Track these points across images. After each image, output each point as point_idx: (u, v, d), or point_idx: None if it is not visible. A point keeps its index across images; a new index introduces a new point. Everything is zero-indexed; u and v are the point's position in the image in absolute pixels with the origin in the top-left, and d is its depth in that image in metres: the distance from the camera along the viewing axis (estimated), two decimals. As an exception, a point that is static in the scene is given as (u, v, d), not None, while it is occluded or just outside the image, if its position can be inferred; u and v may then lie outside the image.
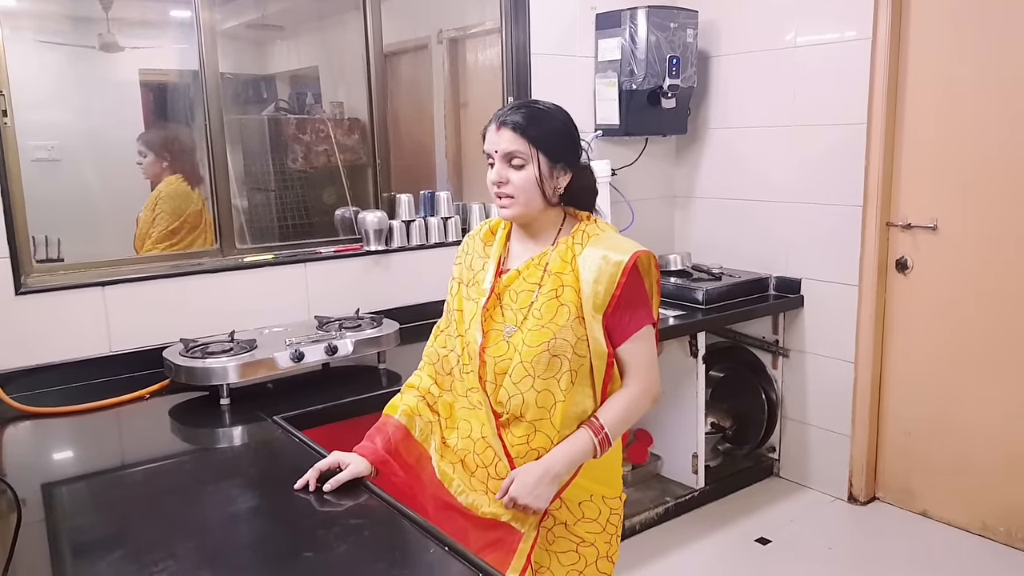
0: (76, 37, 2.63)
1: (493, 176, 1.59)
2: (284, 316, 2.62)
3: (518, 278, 1.63)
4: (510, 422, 1.60)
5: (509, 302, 1.62)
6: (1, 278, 2.20)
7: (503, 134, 1.57)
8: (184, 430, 2.08)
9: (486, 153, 1.60)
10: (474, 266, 1.71)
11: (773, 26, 3.40)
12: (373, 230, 2.86)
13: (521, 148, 1.55)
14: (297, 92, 3.26)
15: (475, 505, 1.62)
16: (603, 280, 1.55)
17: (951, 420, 3.15)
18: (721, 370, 3.72)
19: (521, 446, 1.59)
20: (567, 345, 1.56)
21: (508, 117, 1.57)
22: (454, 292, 1.73)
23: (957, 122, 3.00)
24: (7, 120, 2.23)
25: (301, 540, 1.36)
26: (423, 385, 1.73)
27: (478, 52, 3.46)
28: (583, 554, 1.67)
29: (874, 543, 3.14)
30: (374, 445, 1.63)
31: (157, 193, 2.72)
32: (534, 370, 1.56)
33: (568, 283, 1.58)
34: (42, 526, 1.50)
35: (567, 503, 1.64)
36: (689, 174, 3.85)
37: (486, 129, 1.61)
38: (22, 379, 2.22)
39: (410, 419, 1.67)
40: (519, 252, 1.67)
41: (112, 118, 2.74)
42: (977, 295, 3.02)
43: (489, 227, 1.75)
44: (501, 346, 1.60)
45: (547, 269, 1.60)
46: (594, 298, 1.56)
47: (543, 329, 1.56)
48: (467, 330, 1.64)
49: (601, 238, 1.61)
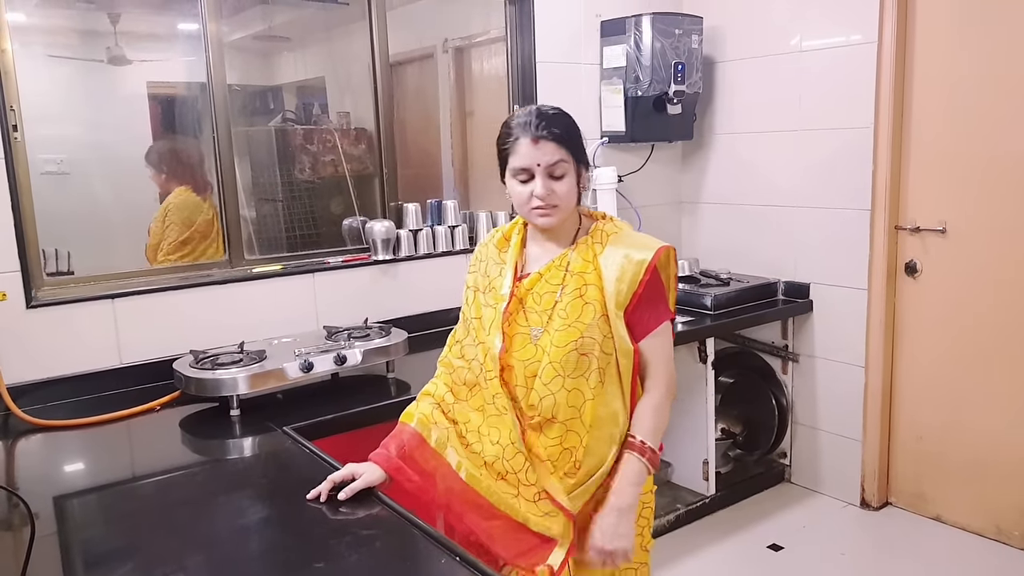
0: (85, 51, 2.65)
1: (539, 191, 1.55)
2: (293, 326, 2.63)
3: (540, 280, 1.63)
4: (542, 425, 1.60)
5: (533, 305, 1.63)
6: (12, 292, 2.22)
7: (544, 147, 1.55)
8: (194, 441, 2.08)
9: (520, 169, 1.57)
10: (490, 272, 1.71)
11: (778, 31, 3.40)
12: (381, 239, 2.87)
13: (563, 157, 1.56)
14: (304, 103, 3.27)
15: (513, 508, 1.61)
16: (626, 278, 1.57)
17: (963, 424, 3.13)
18: (731, 376, 3.70)
19: (555, 447, 1.60)
20: (594, 343, 1.57)
21: (545, 129, 1.55)
22: (470, 300, 1.73)
23: (964, 124, 2.99)
24: (17, 135, 2.25)
25: (312, 550, 1.36)
26: (438, 393, 1.72)
27: (483, 61, 3.47)
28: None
29: (887, 548, 3.12)
30: (388, 452, 1.62)
31: (167, 204, 2.75)
32: (563, 370, 1.57)
33: (591, 282, 1.59)
34: (55, 539, 1.50)
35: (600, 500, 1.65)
36: (696, 179, 3.85)
37: (511, 143, 1.57)
38: (34, 392, 2.23)
39: (425, 427, 1.67)
40: (537, 255, 1.68)
41: (121, 131, 2.76)
42: (987, 297, 3.01)
43: (503, 233, 1.74)
44: (529, 349, 1.60)
45: (568, 269, 1.61)
46: (616, 296, 1.57)
47: (570, 328, 1.57)
48: (487, 336, 1.64)
49: (620, 236, 1.63)
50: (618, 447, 1.62)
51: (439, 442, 1.65)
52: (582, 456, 1.60)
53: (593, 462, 1.61)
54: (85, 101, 2.68)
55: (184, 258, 2.70)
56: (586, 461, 1.60)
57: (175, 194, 2.75)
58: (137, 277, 2.53)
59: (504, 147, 1.60)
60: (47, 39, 2.54)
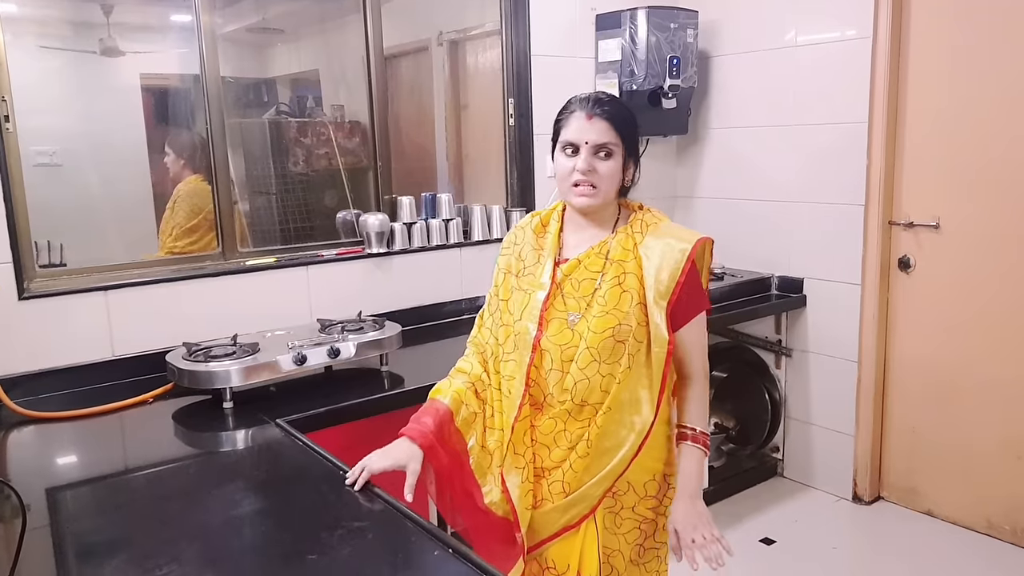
0: (77, 42, 2.63)
1: (581, 164, 1.58)
2: (286, 319, 2.62)
3: (579, 267, 1.64)
4: (571, 411, 1.61)
5: (571, 291, 1.63)
6: (4, 283, 2.21)
7: (596, 124, 1.58)
8: (187, 433, 2.08)
9: (568, 143, 1.60)
10: (525, 257, 1.71)
11: (773, 26, 3.40)
12: (375, 233, 2.87)
13: (612, 140, 1.59)
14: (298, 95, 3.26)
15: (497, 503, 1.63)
16: (667, 268, 1.59)
17: (955, 418, 3.15)
18: (724, 370, 3.70)
19: (582, 431, 1.61)
20: (629, 331, 1.58)
21: (601, 108, 1.59)
22: (499, 282, 1.73)
23: (959, 120, 3.00)
24: (9, 126, 2.23)
25: (305, 543, 1.36)
26: (474, 372, 1.71)
27: (478, 54, 3.46)
28: (644, 530, 1.72)
29: (879, 543, 3.14)
30: (423, 427, 1.60)
31: (177, 191, 2.77)
32: (600, 355, 1.58)
33: (630, 270, 1.60)
34: (47, 530, 1.50)
35: (634, 486, 1.67)
36: (690, 174, 3.85)
37: (565, 116, 1.62)
38: (26, 384, 2.22)
39: (456, 404, 1.66)
40: (575, 242, 1.68)
41: (113, 123, 2.75)
42: (980, 293, 3.02)
43: (540, 219, 1.75)
44: (566, 334, 1.61)
45: (608, 257, 1.62)
46: (657, 286, 1.59)
47: (608, 315, 1.58)
48: (517, 321, 1.65)
49: (660, 227, 1.65)
50: (639, 436, 1.61)
51: (464, 423, 1.66)
52: (595, 436, 1.60)
53: (609, 444, 1.61)
54: (78, 92, 2.67)
55: (192, 245, 2.72)
56: (599, 442, 1.61)
57: (185, 182, 2.77)
58: (130, 269, 2.52)
59: (559, 120, 1.63)
60: (39, 30, 2.52)
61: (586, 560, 1.64)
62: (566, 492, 1.63)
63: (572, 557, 1.64)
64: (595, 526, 1.65)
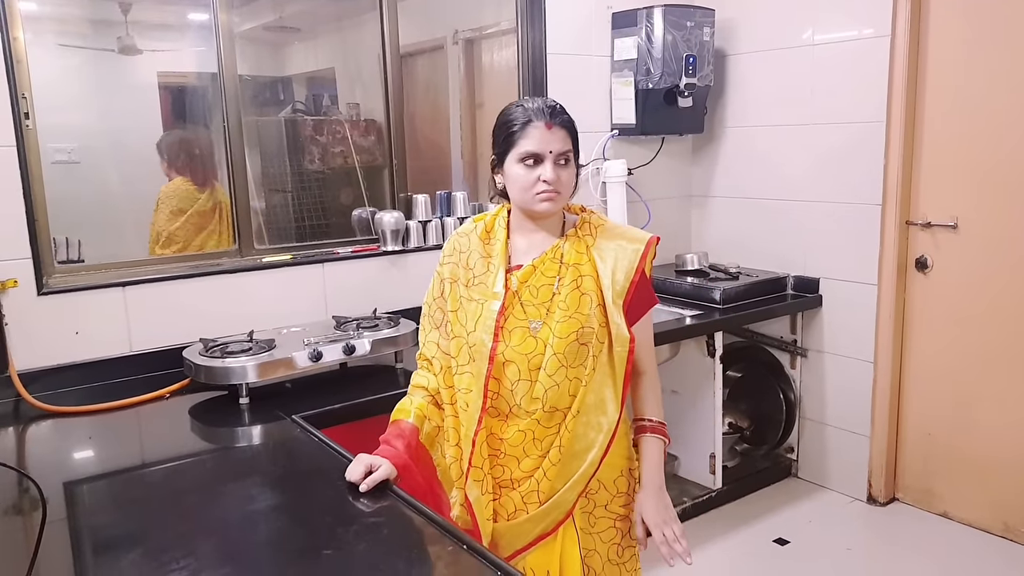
0: (96, 40, 2.65)
1: (549, 175, 1.55)
2: (302, 316, 2.63)
3: (535, 272, 1.63)
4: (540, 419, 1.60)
5: (530, 298, 1.62)
6: (24, 279, 2.23)
7: (557, 133, 1.57)
8: (203, 429, 2.10)
9: (530, 153, 1.56)
10: (474, 265, 1.68)
11: (791, 24, 3.38)
12: (390, 230, 2.87)
13: (569, 147, 1.60)
14: (314, 94, 3.27)
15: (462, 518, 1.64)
16: (621, 268, 1.61)
17: (972, 420, 3.12)
18: (739, 370, 3.70)
19: (552, 438, 1.61)
20: (592, 333, 1.59)
21: (559, 117, 1.58)
22: (445, 293, 1.71)
23: (977, 119, 2.97)
24: (29, 123, 2.25)
25: (320, 538, 1.37)
26: (432, 386, 1.69)
27: (494, 52, 3.46)
28: (620, 528, 1.72)
29: (893, 544, 3.11)
30: (396, 449, 1.59)
31: (159, 194, 2.75)
32: (567, 360, 1.58)
33: (586, 273, 1.61)
34: (64, 524, 1.51)
35: (604, 484, 1.68)
36: (706, 173, 3.84)
37: (521, 128, 1.57)
38: (45, 379, 2.25)
39: (420, 420, 1.65)
40: (524, 248, 1.67)
41: (131, 120, 2.77)
42: (998, 294, 2.99)
43: (484, 224, 1.71)
44: (530, 343, 1.60)
45: (563, 261, 1.62)
46: (614, 286, 1.60)
47: (571, 319, 1.58)
48: (471, 332, 1.62)
49: (607, 228, 1.67)
50: (606, 436, 1.61)
51: (428, 438, 1.66)
52: (567, 441, 1.60)
53: (579, 447, 1.61)
54: (96, 90, 2.69)
55: (180, 249, 2.68)
56: (571, 446, 1.61)
57: (167, 185, 2.75)
58: (147, 265, 2.54)
59: (512, 131, 1.58)
60: (58, 28, 2.54)
61: (567, 563, 1.64)
62: (541, 501, 1.61)
63: (552, 563, 1.64)
64: (574, 528, 1.64)
